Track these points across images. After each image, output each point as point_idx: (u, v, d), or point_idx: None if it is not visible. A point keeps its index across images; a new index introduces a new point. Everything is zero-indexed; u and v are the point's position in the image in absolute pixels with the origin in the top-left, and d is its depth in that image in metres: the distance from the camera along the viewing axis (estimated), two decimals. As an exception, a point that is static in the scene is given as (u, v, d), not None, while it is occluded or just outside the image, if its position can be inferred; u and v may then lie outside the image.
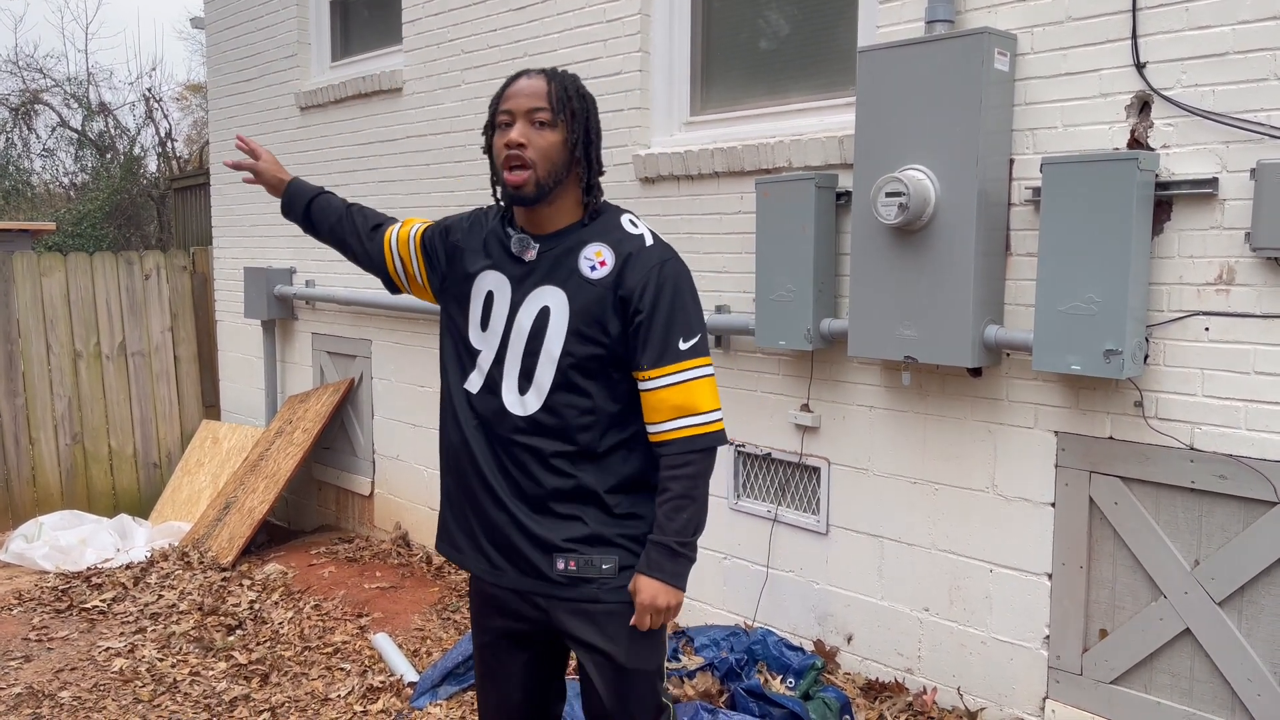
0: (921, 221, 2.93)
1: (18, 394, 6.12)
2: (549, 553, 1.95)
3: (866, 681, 3.35)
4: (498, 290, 1.97)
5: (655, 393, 1.91)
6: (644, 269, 1.89)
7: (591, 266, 1.91)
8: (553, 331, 1.90)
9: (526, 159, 1.86)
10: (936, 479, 3.19)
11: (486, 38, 4.53)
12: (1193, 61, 2.59)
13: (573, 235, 1.95)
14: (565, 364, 1.90)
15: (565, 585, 1.96)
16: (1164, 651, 2.75)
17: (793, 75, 3.66)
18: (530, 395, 1.93)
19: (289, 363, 6.09)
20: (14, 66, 15.79)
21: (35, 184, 15.75)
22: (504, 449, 1.96)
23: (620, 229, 1.95)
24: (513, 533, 1.96)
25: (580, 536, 1.95)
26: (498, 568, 2.01)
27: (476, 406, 1.99)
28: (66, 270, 6.28)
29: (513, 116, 1.89)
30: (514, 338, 1.94)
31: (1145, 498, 2.76)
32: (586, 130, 1.94)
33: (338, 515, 5.85)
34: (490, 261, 1.99)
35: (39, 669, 3.89)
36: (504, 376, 1.95)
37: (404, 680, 3.65)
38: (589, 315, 1.89)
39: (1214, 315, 2.60)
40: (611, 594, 1.96)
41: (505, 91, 1.93)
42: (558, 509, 1.95)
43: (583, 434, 1.93)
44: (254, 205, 6.25)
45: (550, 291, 1.92)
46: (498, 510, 1.97)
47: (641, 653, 1.99)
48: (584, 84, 1.99)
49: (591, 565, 1.95)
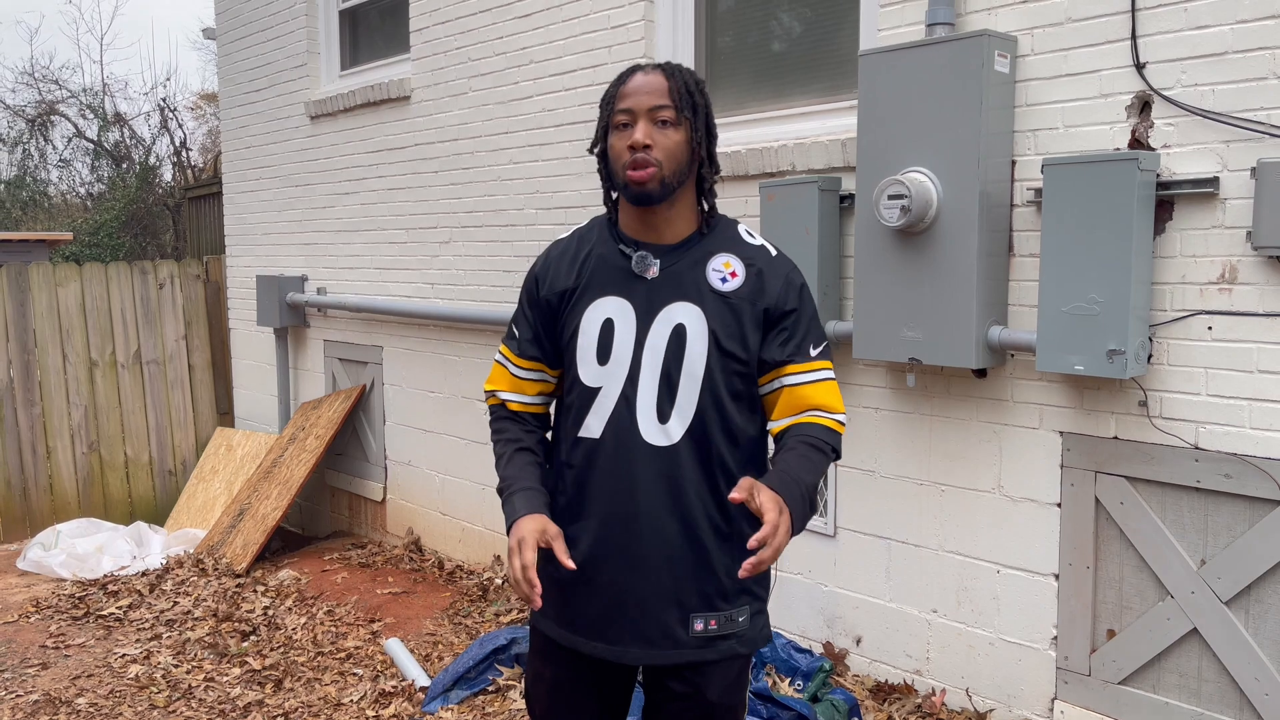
0: (924, 223, 2.94)
1: (35, 403, 6.19)
2: (687, 612, 1.79)
3: (875, 683, 3.36)
4: (619, 316, 1.80)
5: (800, 388, 1.80)
6: (781, 277, 1.82)
7: (722, 279, 1.80)
8: (692, 350, 1.77)
9: (652, 159, 1.74)
10: (943, 480, 3.19)
11: (493, 45, 4.56)
12: (1192, 61, 2.59)
13: (696, 247, 1.82)
14: (710, 383, 1.77)
15: (699, 647, 1.80)
16: (1172, 651, 2.74)
17: (795, 79, 3.67)
18: (673, 423, 1.77)
19: (301, 370, 6.14)
20: (30, 78, 15.99)
21: (52, 194, 15.92)
22: (644, 488, 1.77)
23: (740, 240, 1.85)
24: (647, 595, 1.78)
25: (721, 591, 1.79)
26: (616, 645, 1.81)
27: (600, 453, 1.79)
28: (82, 280, 6.35)
29: (633, 116, 1.76)
30: (646, 363, 1.78)
31: (1151, 497, 2.75)
32: (708, 126, 1.83)
33: (351, 521, 5.89)
34: (602, 287, 1.82)
35: (56, 676, 3.93)
36: (638, 408, 1.78)
37: (416, 685, 3.68)
38: (729, 329, 1.78)
39: (1217, 314, 2.60)
40: (746, 645, 1.83)
41: (621, 89, 1.79)
42: (703, 555, 1.79)
43: (728, 454, 1.80)
44: (265, 214, 6.31)
45: (684, 308, 1.78)
46: (628, 571, 1.78)
47: (734, 691, 1.87)
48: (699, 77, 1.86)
49: (731, 621, 1.81)
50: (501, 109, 4.54)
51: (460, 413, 4.86)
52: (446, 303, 4.91)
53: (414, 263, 5.13)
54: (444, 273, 4.94)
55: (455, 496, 5.01)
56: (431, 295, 5.02)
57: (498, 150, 4.58)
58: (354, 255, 5.56)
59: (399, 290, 5.24)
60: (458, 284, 4.86)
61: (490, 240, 4.67)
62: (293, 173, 6.01)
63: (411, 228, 5.13)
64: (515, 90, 4.46)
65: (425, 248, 5.05)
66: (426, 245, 5.04)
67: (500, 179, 4.58)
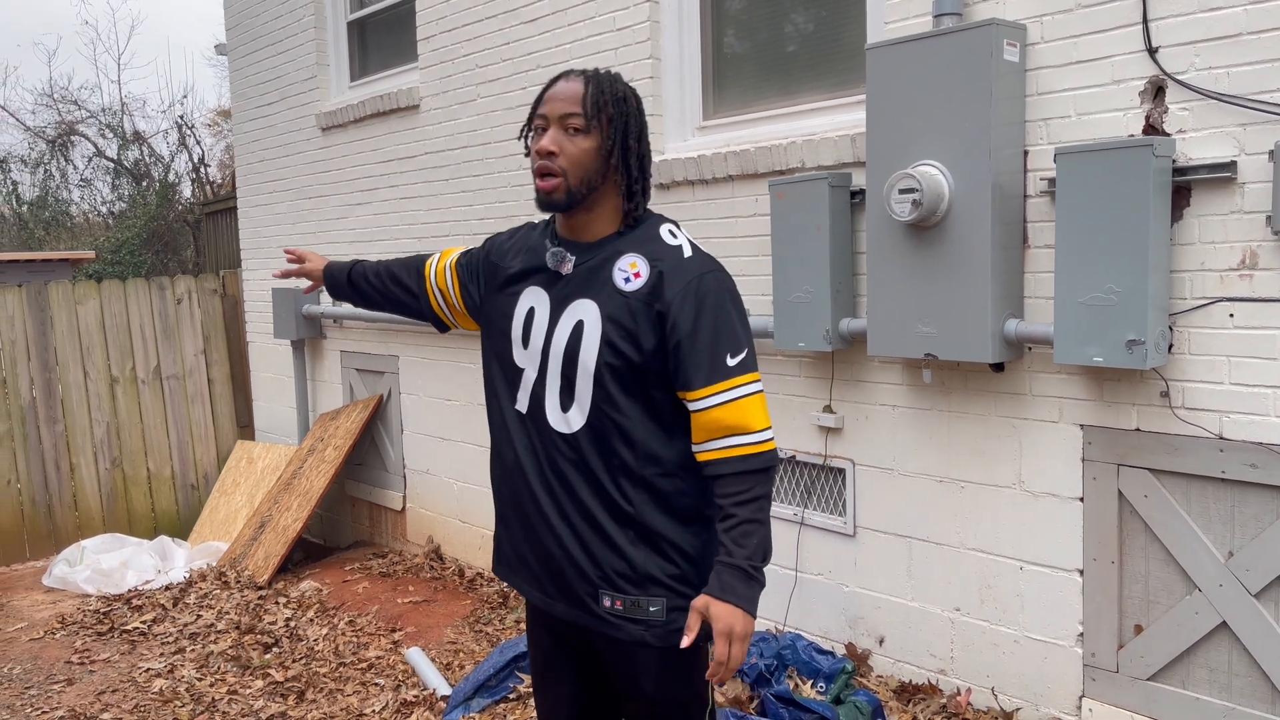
0: (936, 217, 2.90)
1: (57, 420, 6.23)
2: (595, 587, 1.87)
3: (899, 684, 3.32)
4: (538, 306, 1.90)
5: (706, 413, 1.80)
6: (682, 282, 1.79)
7: (625, 278, 1.82)
8: (587, 344, 1.83)
9: (556, 168, 1.80)
10: (963, 477, 3.15)
11: (499, 51, 4.56)
12: (1206, 44, 2.54)
13: (609, 246, 1.87)
14: (600, 377, 1.81)
15: (612, 623, 1.88)
16: (1201, 646, 2.69)
17: (803, 75, 3.64)
18: (573, 412, 1.85)
19: (319, 381, 6.16)
20: (50, 100, 16.15)
21: (74, 214, 16.10)
22: (552, 469, 1.88)
23: (658, 239, 1.86)
24: (563, 563, 1.89)
25: (626, 574, 1.86)
26: (550, 596, 1.94)
27: (525, 426, 1.92)
28: (101, 297, 6.40)
29: (547, 121, 1.82)
30: (553, 353, 1.86)
31: (1175, 489, 2.70)
32: (625, 135, 1.85)
33: (371, 531, 5.89)
34: (530, 278, 1.93)
35: (81, 692, 3.95)
36: (546, 394, 1.88)
37: (437, 694, 3.67)
38: (620, 326, 1.81)
39: (1238, 301, 2.55)
40: (659, 638, 1.87)
41: (543, 94, 1.86)
42: (604, 537, 1.86)
43: (626, 453, 1.83)
44: (280, 227, 6.33)
45: (584, 304, 1.84)
46: (548, 536, 1.90)
47: (676, 686, 1.92)
48: (626, 84, 1.90)
49: (638, 607, 1.86)
50: (510, 115, 4.53)
51: (477, 419, 4.85)
52: (461, 310, 4.90)
53: (427, 271, 5.12)
54: (457, 280, 4.93)
55: (474, 504, 5.00)
56: (446, 303, 5.02)
57: (507, 156, 4.57)
58: (368, 265, 5.56)
59: (413, 299, 5.24)
60: (471, 291, 4.85)
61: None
62: (305, 185, 6.03)
63: (424, 236, 5.13)
64: (523, 96, 4.45)
65: (438, 256, 5.04)
66: (439, 253, 5.04)
67: (511, 185, 4.58)
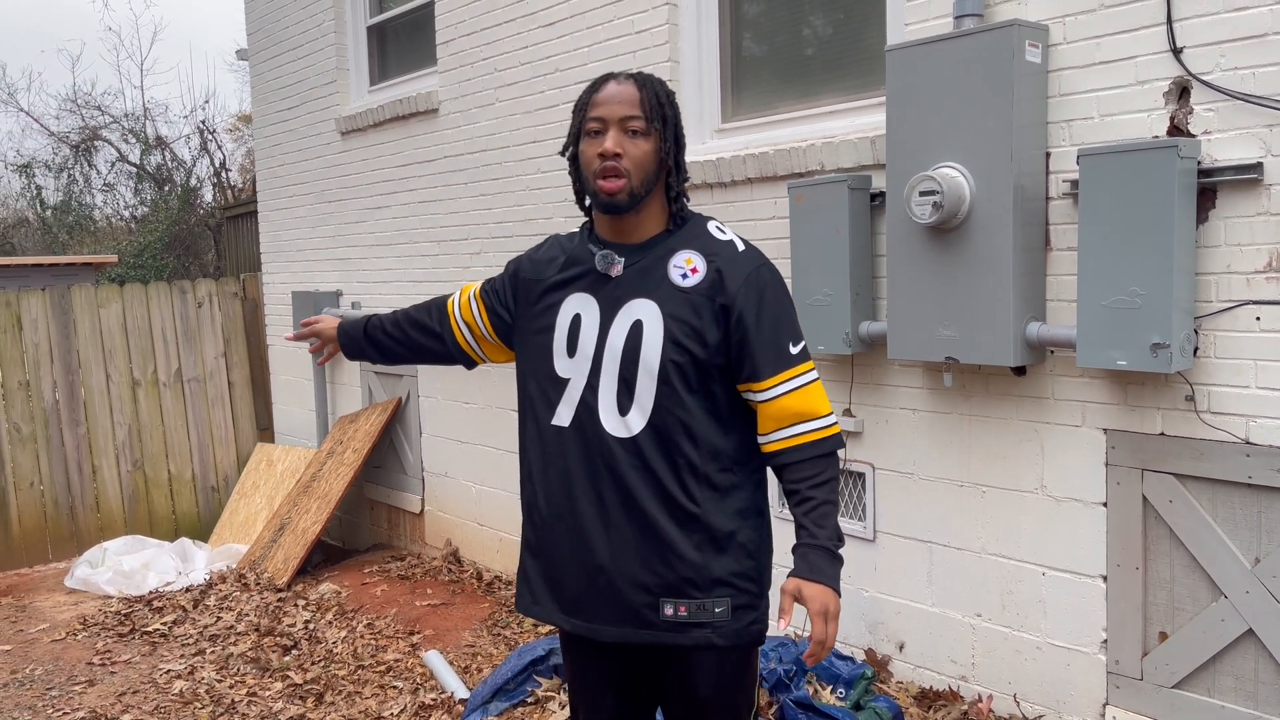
0: (957, 219, 2.88)
1: (80, 423, 6.29)
2: (655, 596, 1.83)
3: (920, 690, 3.29)
4: (585, 311, 1.88)
5: (775, 402, 1.83)
6: (742, 275, 1.83)
7: (683, 274, 1.84)
8: (648, 343, 1.81)
9: (622, 168, 1.80)
10: (984, 481, 3.12)
11: (518, 55, 4.56)
12: (1231, 44, 2.51)
13: (661, 244, 1.87)
14: (665, 376, 1.81)
15: (672, 630, 1.84)
16: (1226, 653, 2.65)
17: (822, 77, 3.63)
18: (633, 414, 1.82)
19: (338, 384, 6.18)
20: (73, 105, 16.31)
21: (97, 218, 16.23)
22: (608, 478, 1.84)
23: (708, 235, 1.89)
24: (616, 578, 1.84)
25: (691, 579, 1.83)
26: (594, 621, 1.88)
27: (568, 440, 1.87)
28: (123, 301, 6.45)
29: (605, 124, 1.82)
30: (607, 356, 1.84)
31: (1201, 495, 2.67)
32: (676, 137, 1.88)
33: (389, 533, 5.91)
34: (574, 285, 1.91)
35: (102, 693, 3.97)
36: (600, 399, 1.84)
37: (455, 697, 3.67)
38: (684, 322, 1.81)
39: (1265, 304, 2.51)
40: (725, 638, 1.85)
41: (594, 97, 1.84)
42: (666, 543, 1.83)
43: (691, 451, 1.82)
44: (300, 230, 6.37)
45: (642, 304, 1.83)
46: (599, 552, 1.85)
47: (731, 688, 1.91)
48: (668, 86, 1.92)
49: (704, 610, 1.83)
50: (528, 119, 4.54)
51: (495, 422, 4.85)
52: (479, 313, 4.91)
53: (446, 275, 5.13)
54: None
55: (492, 507, 5.00)
56: (464, 306, 5.02)
57: (526, 160, 4.58)
58: (387, 269, 5.58)
59: (432, 302, 5.25)
60: (490, 294, 4.85)
61: (520, 250, 4.66)
62: (325, 189, 6.06)
63: (443, 240, 5.14)
64: (542, 99, 4.46)
65: (457, 259, 5.06)
66: (458, 257, 5.05)
67: (529, 189, 4.58)
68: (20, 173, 15.76)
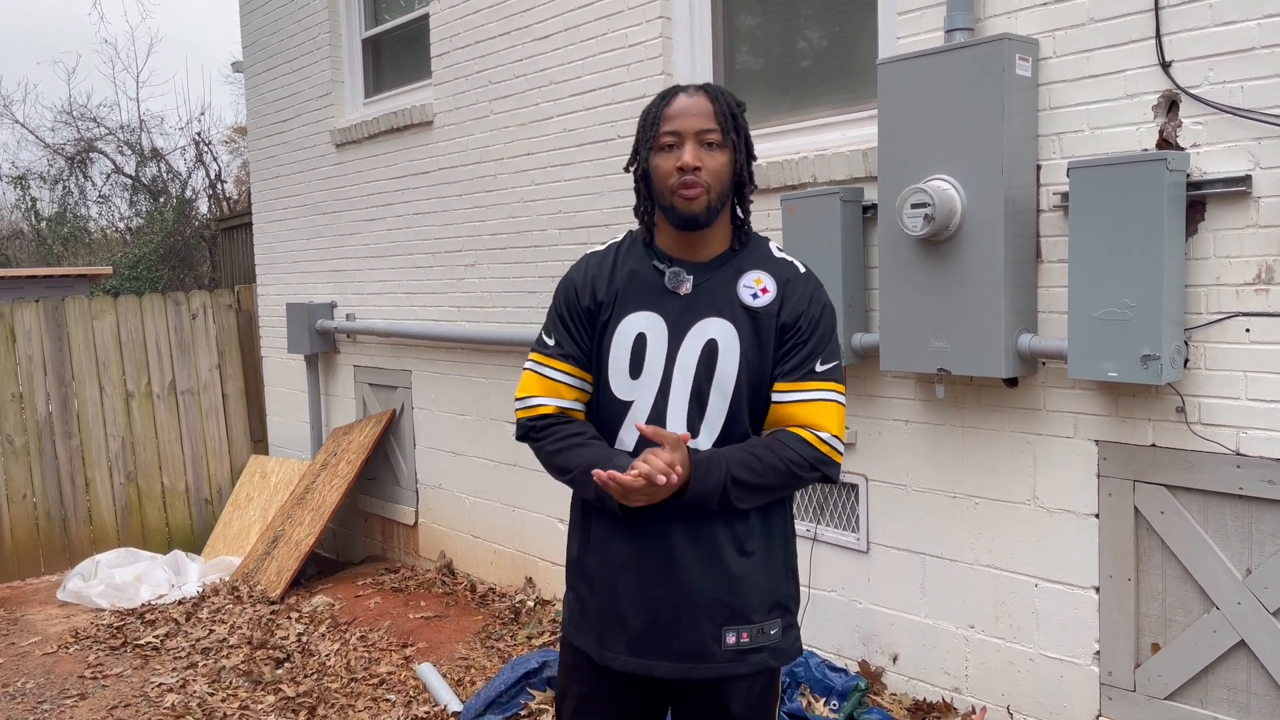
0: (948, 232, 2.89)
1: (73, 435, 6.27)
2: (719, 625, 1.80)
3: (914, 702, 3.29)
4: (650, 331, 1.83)
5: (785, 406, 1.83)
6: (804, 295, 1.85)
7: (754, 295, 1.83)
8: (724, 362, 1.80)
9: (702, 181, 1.77)
10: (976, 493, 3.12)
11: (512, 68, 4.58)
12: (1219, 58, 2.53)
13: (729, 264, 1.86)
14: (739, 393, 1.80)
15: (731, 660, 1.81)
16: (1219, 664, 2.65)
17: (814, 90, 3.64)
18: (703, 437, 1.81)
19: (332, 395, 6.17)
20: (69, 117, 16.31)
21: (92, 230, 16.22)
22: (676, 502, 1.76)
23: (773, 257, 1.90)
24: (685, 608, 1.79)
25: (753, 604, 1.82)
26: (650, 658, 1.82)
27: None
28: (117, 312, 6.44)
29: (680, 137, 1.79)
30: (678, 375, 1.81)
31: (1192, 506, 2.68)
32: (748, 148, 1.88)
33: (383, 545, 5.90)
34: (632, 304, 1.85)
35: (93, 706, 3.95)
36: (669, 423, 1.81)
37: (448, 710, 3.66)
38: (758, 344, 1.82)
39: (1254, 316, 2.53)
40: (778, 657, 1.85)
41: (666, 110, 1.82)
42: (728, 570, 1.81)
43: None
44: (294, 242, 6.37)
45: (715, 323, 1.82)
46: (670, 583, 1.80)
47: (759, 709, 1.89)
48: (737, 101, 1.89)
49: (763, 633, 1.83)
50: (523, 131, 4.55)
51: (490, 434, 4.85)
52: (473, 325, 4.92)
53: (440, 286, 5.14)
54: (470, 295, 4.95)
55: (486, 519, 4.99)
56: (458, 318, 5.03)
57: (520, 172, 4.59)
58: (381, 280, 5.59)
59: (426, 314, 5.26)
60: (484, 306, 4.86)
61: (515, 262, 4.67)
62: (320, 201, 6.07)
63: (437, 251, 5.15)
64: (536, 112, 4.47)
65: (451, 271, 5.07)
66: (452, 269, 5.06)
67: (523, 200, 4.59)
68: (15, 184, 15.76)
